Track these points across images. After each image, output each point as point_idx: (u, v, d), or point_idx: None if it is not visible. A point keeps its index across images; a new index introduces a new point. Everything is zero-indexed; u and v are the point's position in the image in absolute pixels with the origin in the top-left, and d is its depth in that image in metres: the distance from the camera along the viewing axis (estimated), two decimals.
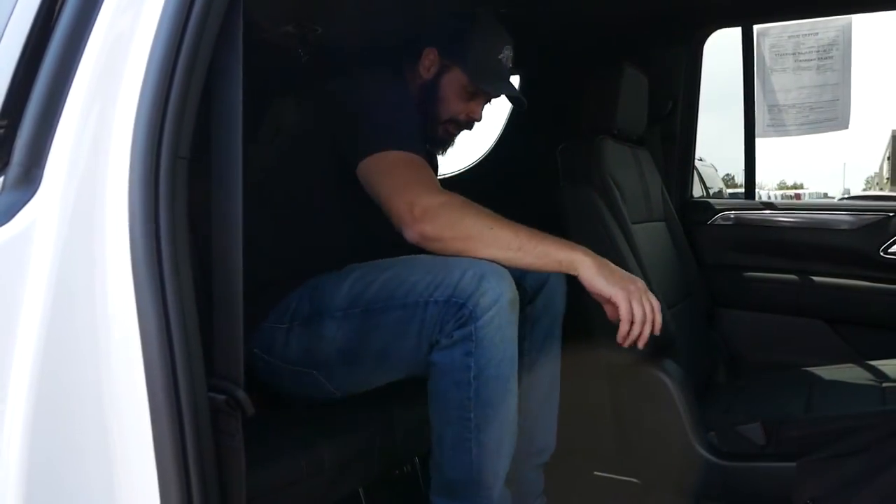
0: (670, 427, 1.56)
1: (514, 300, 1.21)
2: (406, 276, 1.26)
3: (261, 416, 0.87)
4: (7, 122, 0.85)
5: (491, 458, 1.22)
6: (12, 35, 0.87)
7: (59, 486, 0.81)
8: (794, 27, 2.16)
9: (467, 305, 1.17)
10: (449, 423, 1.23)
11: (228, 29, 0.85)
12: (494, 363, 1.19)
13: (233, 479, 0.83)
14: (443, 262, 1.24)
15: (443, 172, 2.89)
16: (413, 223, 1.27)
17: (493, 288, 1.17)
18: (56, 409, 0.80)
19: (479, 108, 1.55)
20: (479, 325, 1.17)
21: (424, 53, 1.51)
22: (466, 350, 1.18)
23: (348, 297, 1.30)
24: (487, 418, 1.21)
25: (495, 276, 1.19)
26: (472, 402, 1.20)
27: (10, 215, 0.82)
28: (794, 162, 73.33)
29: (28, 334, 0.79)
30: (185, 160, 0.81)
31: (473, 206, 1.30)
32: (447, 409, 1.23)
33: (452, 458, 1.24)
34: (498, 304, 1.17)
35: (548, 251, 1.27)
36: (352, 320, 1.29)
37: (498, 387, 1.20)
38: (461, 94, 1.51)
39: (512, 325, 1.21)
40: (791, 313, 2.05)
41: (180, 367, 0.77)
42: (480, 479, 1.22)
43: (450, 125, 1.54)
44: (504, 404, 1.22)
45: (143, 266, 0.77)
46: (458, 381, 1.20)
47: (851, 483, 1.27)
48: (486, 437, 1.21)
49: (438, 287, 1.20)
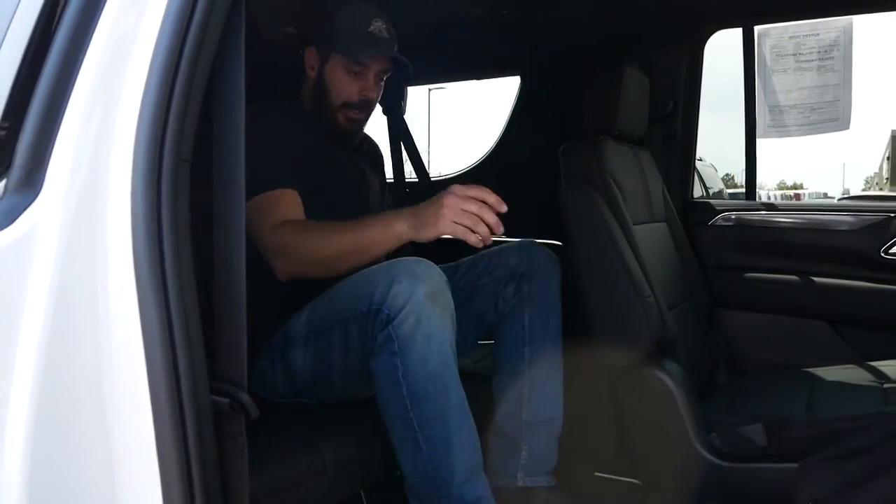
0: (671, 428, 1.56)
1: (433, 293, 1.23)
2: (340, 294, 1.33)
3: (261, 416, 0.87)
4: (9, 124, 0.85)
5: (442, 453, 1.24)
6: (14, 37, 0.87)
7: (61, 488, 0.81)
8: (795, 28, 2.15)
9: (382, 310, 1.22)
10: (394, 426, 1.27)
11: (231, 30, 0.85)
12: (420, 360, 1.21)
13: (235, 481, 0.83)
14: (366, 275, 1.30)
15: (444, 172, 2.91)
16: (275, 269, 1.37)
17: (403, 288, 1.21)
18: (58, 411, 0.80)
19: (369, 84, 1.55)
20: (395, 324, 1.21)
21: (305, 56, 1.56)
22: (391, 351, 1.22)
23: (306, 324, 1.38)
24: (427, 415, 1.23)
25: (407, 275, 1.23)
26: (407, 400, 1.23)
27: (11, 218, 0.82)
28: (794, 162, 73.34)
29: (30, 337, 0.79)
30: (188, 162, 0.81)
31: (307, 232, 1.37)
32: (389, 411, 1.26)
33: (406, 460, 1.27)
34: (411, 300, 1.21)
35: (379, 235, 1.32)
36: (310, 345, 1.37)
37: (431, 382, 1.22)
38: (346, 77, 1.53)
39: (436, 318, 1.22)
40: (792, 314, 2.05)
41: (183, 370, 0.77)
42: (436, 476, 1.24)
43: (346, 110, 1.56)
44: (444, 398, 1.23)
45: (146, 269, 0.77)
46: (390, 382, 1.24)
47: (853, 484, 1.27)
48: (432, 433, 1.23)
49: (360, 299, 1.26)
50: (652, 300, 1.59)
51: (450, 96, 45.32)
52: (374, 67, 1.54)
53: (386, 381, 1.24)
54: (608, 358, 1.61)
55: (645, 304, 1.56)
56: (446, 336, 1.24)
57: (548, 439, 1.54)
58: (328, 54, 1.53)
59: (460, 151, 6.28)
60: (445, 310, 1.25)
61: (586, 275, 1.61)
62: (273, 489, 1.13)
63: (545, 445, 1.54)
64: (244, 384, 0.84)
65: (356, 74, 1.53)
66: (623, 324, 1.57)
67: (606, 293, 1.59)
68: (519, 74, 2.53)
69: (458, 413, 1.25)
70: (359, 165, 1.68)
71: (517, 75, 2.54)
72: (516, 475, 1.52)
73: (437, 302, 1.23)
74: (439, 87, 17.03)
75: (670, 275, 1.86)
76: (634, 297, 1.56)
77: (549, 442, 1.54)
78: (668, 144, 2.22)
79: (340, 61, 1.52)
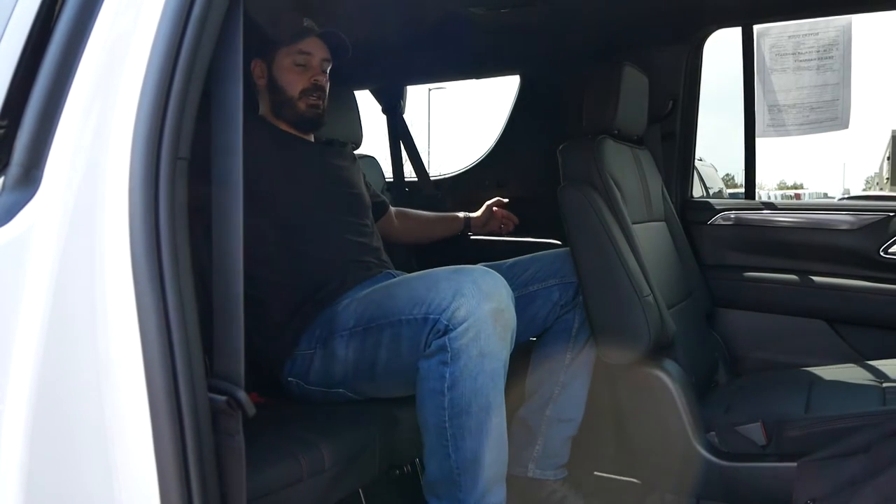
0: (670, 427, 1.56)
1: (498, 312, 1.24)
2: (396, 293, 1.35)
3: (261, 415, 0.87)
4: (7, 122, 0.85)
5: (470, 465, 1.25)
6: (12, 35, 0.87)
7: (59, 486, 0.81)
8: (794, 27, 2.15)
9: (441, 320, 1.23)
10: (428, 429, 1.28)
11: (229, 29, 0.85)
12: (471, 375, 1.22)
13: (233, 479, 0.83)
14: (428, 278, 1.32)
15: (444, 172, 2.91)
16: None
17: (467, 302, 1.22)
18: (56, 410, 0.80)
19: (316, 71, 1.66)
20: (452, 336, 1.22)
21: (252, 70, 1.66)
22: (442, 359, 1.23)
23: (353, 316, 1.40)
24: (463, 428, 1.23)
25: (474, 289, 1.24)
26: (447, 411, 1.24)
27: (9, 216, 0.82)
28: (794, 162, 73.33)
29: (28, 335, 0.79)
30: (185, 161, 0.81)
31: None
32: (425, 415, 1.28)
33: (432, 461, 1.29)
34: (473, 316, 1.21)
35: None
36: (356, 338, 1.38)
37: (476, 398, 1.23)
38: (294, 70, 1.64)
39: (495, 338, 1.23)
40: (791, 313, 2.05)
41: (181, 368, 0.77)
42: (459, 482, 1.25)
43: (304, 97, 1.65)
44: (484, 415, 1.24)
45: (144, 267, 0.77)
46: (433, 389, 1.24)
47: (852, 483, 1.27)
48: (464, 445, 1.24)
49: (419, 304, 1.27)
50: (651, 299, 1.59)
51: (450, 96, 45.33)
52: (317, 55, 1.65)
53: (430, 388, 1.25)
54: (607, 357, 1.62)
55: (644, 303, 1.56)
56: (502, 356, 1.25)
57: (563, 438, 1.66)
58: (273, 56, 1.64)
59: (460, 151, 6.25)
60: (507, 330, 1.26)
61: (585, 274, 1.61)
62: (272, 488, 1.13)
63: (559, 443, 1.66)
64: (241, 382, 0.84)
65: (303, 67, 1.64)
66: (622, 323, 1.57)
67: (605, 292, 1.59)
68: (519, 74, 2.53)
69: (496, 432, 1.26)
70: (324, 154, 1.74)
71: (517, 75, 2.54)
72: (528, 465, 1.66)
73: (500, 321, 1.24)
74: (439, 87, 17.01)
75: (669, 274, 1.86)
76: (633, 296, 1.56)
77: (564, 440, 1.67)
78: (668, 143, 2.22)
79: (286, 57, 1.63)
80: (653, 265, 1.68)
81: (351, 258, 1.58)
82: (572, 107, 1.90)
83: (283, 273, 1.52)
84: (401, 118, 2.75)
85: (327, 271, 1.53)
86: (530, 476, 1.65)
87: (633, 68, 1.79)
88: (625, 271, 1.57)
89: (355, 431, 1.34)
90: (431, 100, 22.89)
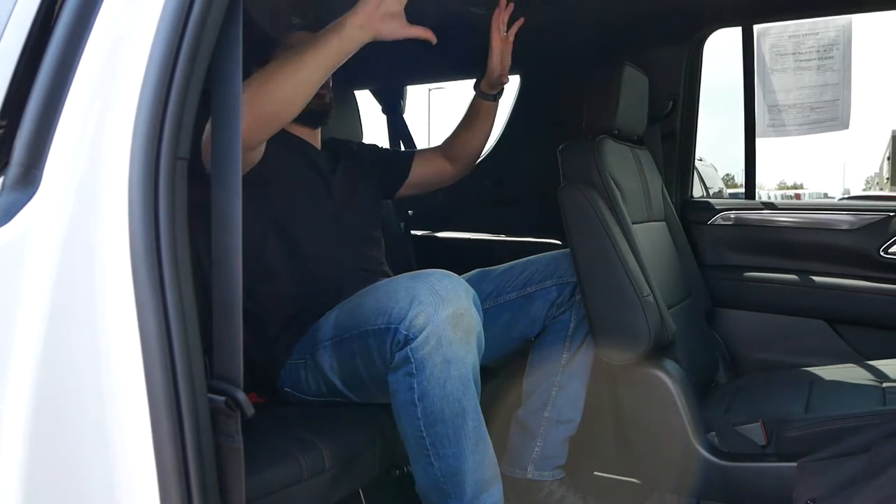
0: (670, 427, 1.56)
1: (456, 316, 1.19)
2: (364, 302, 1.32)
3: (261, 416, 0.87)
4: (6, 122, 0.85)
5: (453, 472, 1.23)
6: (12, 35, 0.87)
7: (58, 487, 0.81)
8: (794, 27, 2.15)
9: (400, 330, 1.19)
10: (407, 440, 1.27)
11: (228, 29, 0.85)
12: (439, 383, 1.19)
13: (232, 479, 0.83)
14: (390, 285, 1.28)
15: None
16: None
17: (425, 310, 1.18)
18: (55, 410, 0.79)
19: None
20: (413, 347, 1.18)
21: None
22: (408, 371, 1.20)
23: (333, 326, 1.38)
24: (441, 436, 1.22)
25: (429, 294, 1.19)
26: (422, 421, 1.22)
27: (9, 216, 0.82)
28: (794, 162, 73.35)
29: (27, 335, 0.79)
30: (185, 161, 0.81)
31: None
32: (403, 426, 1.26)
33: (418, 470, 1.27)
34: (431, 323, 1.17)
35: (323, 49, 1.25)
36: (336, 348, 1.37)
37: (448, 405, 1.20)
38: None
39: (457, 343, 1.19)
40: (791, 313, 2.05)
41: (180, 368, 0.77)
42: (447, 489, 1.24)
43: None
44: (459, 420, 1.21)
45: (143, 267, 0.77)
46: (404, 401, 1.22)
47: (852, 483, 1.27)
48: (444, 452, 1.22)
49: (381, 313, 1.23)
50: (651, 299, 1.59)
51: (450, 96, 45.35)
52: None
53: (401, 400, 1.23)
54: (607, 357, 1.62)
55: (644, 303, 1.56)
56: (468, 360, 1.21)
57: (562, 439, 1.66)
58: (273, 57, 1.57)
59: None
60: (469, 334, 1.21)
61: (585, 274, 1.60)
62: (272, 488, 1.13)
63: (558, 444, 1.66)
64: (240, 382, 0.84)
65: None
66: (622, 323, 1.57)
67: (605, 292, 1.59)
68: (519, 74, 2.52)
69: (474, 435, 1.23)
70: (321, 155, 1.71)
71: (517, 75, 2.53)
72: (527, 467, 1.65)
73: (460, 325, 1.20)
74: (439, 87, 17.02)
75: (669, 274, 1.86)
76: (633, 296, 1.56)
77: (562, 441, 1.66)
78: (668, 143, 2.22)
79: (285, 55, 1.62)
80: (653, 265, 1.68)
81: (351, 268, 1.58)
82: (572, 107, 1.89)
83: (283, 286, 1.52)
84: (401, 118, 2.75)
85: (327, 284, 1.52)
86: (529, 478, 1.65)
87: (633, 68, 1.79)
88: (625, 271, 1.57)
89: (355, 431, 1.34)
90: (431, 100, 22.88)
